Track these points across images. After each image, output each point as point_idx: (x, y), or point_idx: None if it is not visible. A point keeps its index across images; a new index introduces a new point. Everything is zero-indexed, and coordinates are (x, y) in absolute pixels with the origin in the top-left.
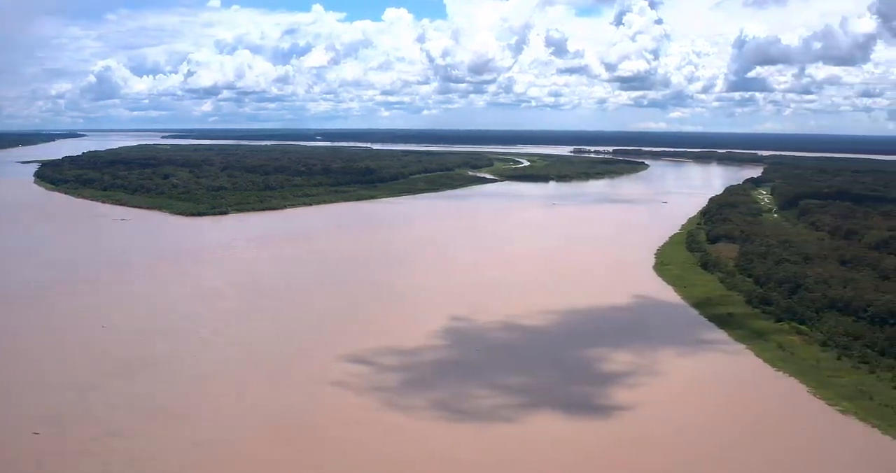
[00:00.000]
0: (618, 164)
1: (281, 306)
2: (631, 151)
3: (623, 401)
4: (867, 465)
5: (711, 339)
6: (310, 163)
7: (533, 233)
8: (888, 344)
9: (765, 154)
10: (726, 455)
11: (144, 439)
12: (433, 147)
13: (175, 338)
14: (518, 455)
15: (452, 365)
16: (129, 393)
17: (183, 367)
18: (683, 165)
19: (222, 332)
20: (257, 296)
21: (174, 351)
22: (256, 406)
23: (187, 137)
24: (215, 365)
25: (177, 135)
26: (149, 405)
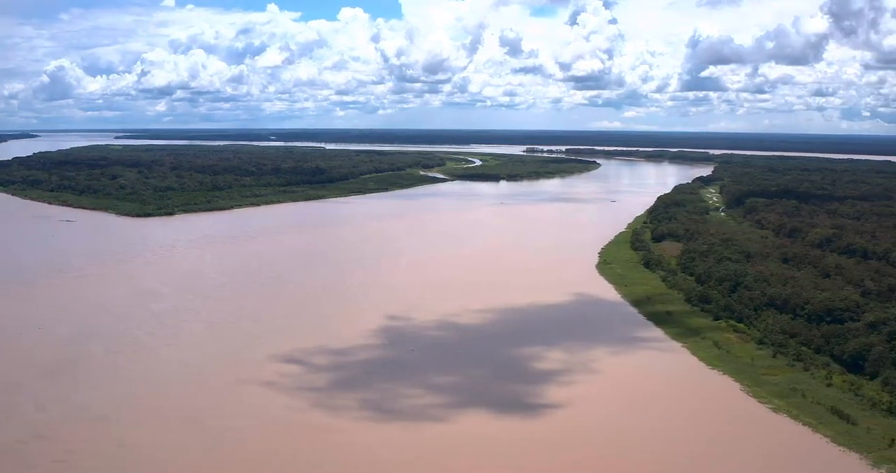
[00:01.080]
0: (569, 163)
1: (218, 307)
2: (584, 150)
3: (554, 400)
4: (795, 464)
5: (648, 337)
6: (260, 163)
7: (478, 233)
8: (824, 341)
9: (716, 153)
10: (653, 454)
11: (70, 440)
12: (388, 147)
13: (109, 340)
14: (444, 454)
15: (385, 364)
16: (58, 395)
17: (115, 369)
18: (635, 164)
19: (157, 333)
20: (195, 297)
21: (108, 352)
22: (184, 407)
23: (141, 138)
24: (147, 366)
25: (130, 135)
26: (77, 406)
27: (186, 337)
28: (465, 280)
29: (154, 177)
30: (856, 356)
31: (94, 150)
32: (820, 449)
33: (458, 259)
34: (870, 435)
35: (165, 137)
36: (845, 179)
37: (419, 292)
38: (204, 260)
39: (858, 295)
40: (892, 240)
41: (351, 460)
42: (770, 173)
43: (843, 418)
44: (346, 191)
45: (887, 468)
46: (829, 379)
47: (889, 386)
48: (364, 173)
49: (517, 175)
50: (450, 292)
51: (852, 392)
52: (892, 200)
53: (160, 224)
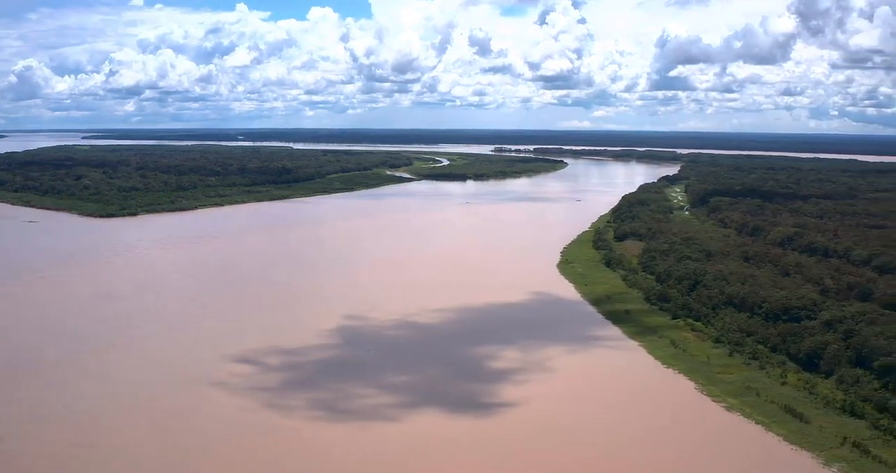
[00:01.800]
0: (536, 163)
1: (176, 307)
2: (552, 150)
3: (508, 399)
4: (747, 463)
5: (605, 336)
6: (226, 163)
7: (441, 233)
8: (780, 340)
9: (684, 152)
10: (604, 453)
11: (22, 441)
12: (357, 147)
13: (65, 341)
14: (395, 454)
15: (341, 364)
16: (11, 396)
17: (69, 369)
18: (603, 163)
19: (113, 334)
20: (153, 298)
21: (63, 353)
22: (135, 407)
23: (109, 138)
24: (102, 367)
25: (98, 135)
26: (30, 407)
27: (143, 338)
28: (426, 279)
29: (119, 177)
30: (811, 354)
31: (60, 151)
32: (772, 448)
33: (420, 259)
34: (822, 434)
35: (134, 137)
36: (810, 178)
37: (379, 292)
38: (164, 260)
39: (817, 293)
40: (853, 239)
41: (300, 460)
42: (736, 172)
43: (797, 416)
44: (311, 191)
45: (838, 466)
46: (783, 378)
47: (843, 384)
48: (330, 173)
49: (484, 174)
50: (410, 292)
51: (807, 390)
52: (855, 199)
53: (123, 224)
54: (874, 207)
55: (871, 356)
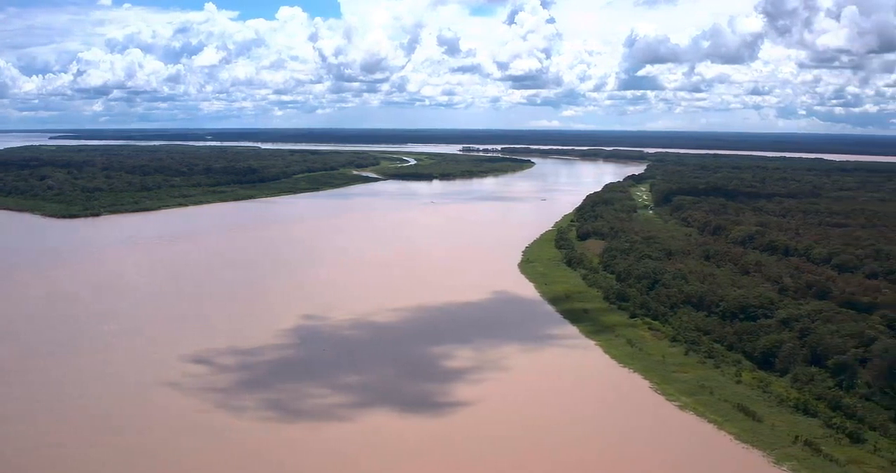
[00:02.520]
0: (503, 162)
1: (133, 308)
2: (519, 149)
3: (462, 398)
4: (698, 461)
5: (562, 335)
6: (192, 163)
7: (404, 232)
8: (736, 338)
9: (651, 151)
10: (556, 452)
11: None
12: (326, 146)
13: (20, 342)
14: (345, 454)
15: (295, 364)
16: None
17: (24, 370)
18: (570, 163)
19: (69, 335)
20: (110, 299)
21: (17, 354)
22: (86, 408)
23: (77, 138)
24: (57, 368)
25: (66, 135)
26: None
27: (98, 339)
28: (386, 279)
29: (83, 177)
30: (766, 353)
31: (26, 151)
32: (723, 447)
33: (381, 258)
34: (774, 432)
35: (102, 137)
36: (775, 177)
37: (338, 292)
38: (124, 261)
39: (775, 292)
40: (815, 237)
41: (248, 461)
42: (701, 171)
43: (749, 415)
44: (276, 191)
45: (789, 465)
46: (738, 377)
47: (798, 382)
48: (296, 173)
49: (450, 174)
50: (369, 291)
51: (761, 389)
52: (818, 197)
53: (85, 225)
54: (837, 206)
55: (825, 354)
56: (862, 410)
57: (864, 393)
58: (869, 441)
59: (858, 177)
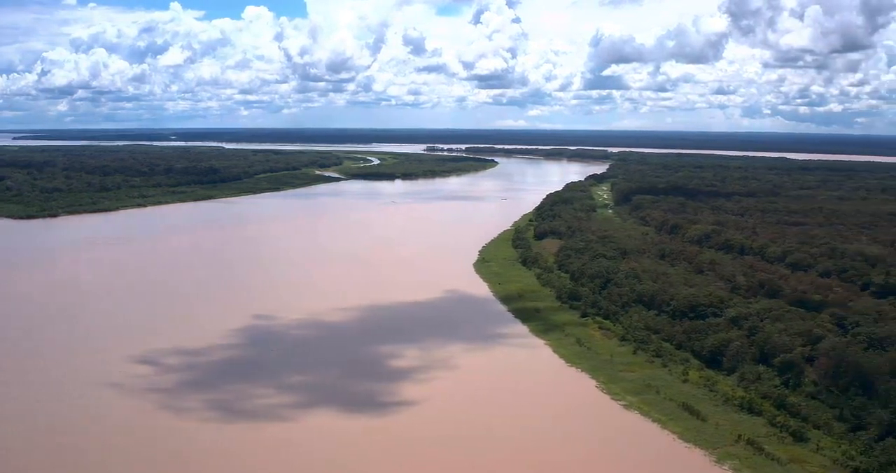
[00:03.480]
0: (466, 162)
1: (81, 309)
2: (483, 149)
3: (407, 397)
4: (640, 461)
5: (511, 334)
6: (153, 163)
7: (363, 232)
8: (685, 337)
9: (615, 150)
10: (497, 450)
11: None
12: (293, 146)
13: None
14: (285, 454)
15: (242, 364)
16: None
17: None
18: (534, 162)
19: (14, 336)
20: (59, 300)
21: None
22: (27, 409)
23: (41, 138)
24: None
25: (30, 135)
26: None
27: (44, 340)
28: (340, 279)
29: (43, 178)
30: (714, 352)
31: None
32: (666, 446)
33: (336, 258)
34: (718, 431)
35: (67, 138)
36: (736, 176)
37: (290, 291)
38: (78, 261)
39: (728, 290)
40: (771, 236)
41: (188, 461)
42: (663, 170)
43: (694, 414)
44: (237, 191)
45: (730, 464)
46: (685, 376)
47: (745, 381)
48: (258, 173)
49: (413, 174)
50: (321, 291)
51: (707, 387)
52: (777, 196)
53: (41, 226)
54: (795, 205)
55: (773, 353)
56: (806, 409)
57: (810, 392)
58: (812, 439)
59: (819, 176)
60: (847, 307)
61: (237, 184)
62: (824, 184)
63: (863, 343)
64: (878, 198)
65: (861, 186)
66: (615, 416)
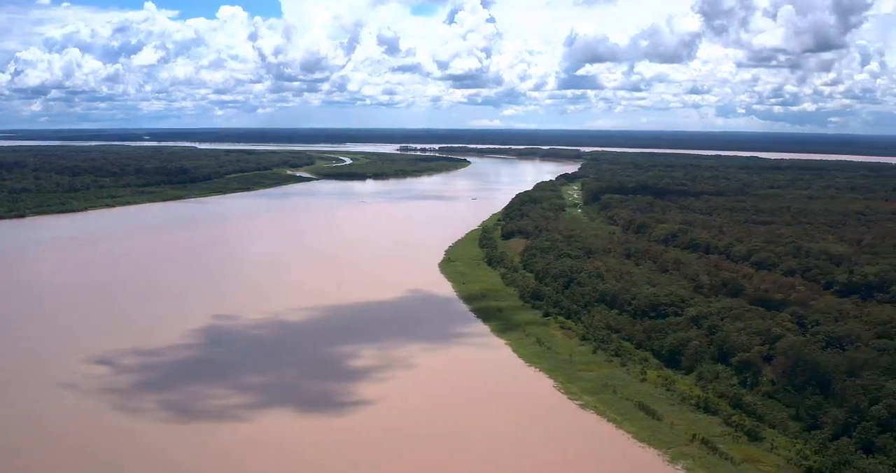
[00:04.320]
0: (439, 162)
1: (42, 309)
2: (457, 148)
3: (364, 396)
4: (593, 460)
5: (472, 334)
6: (124, 163)
7: (330, 232)
8: (645, 336)
9: (587, 150)
10: (450, 449)
11: None
12: (267, 146)
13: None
14: (235, 453)
15: (200, 364)
16: None
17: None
18: (506, 162)
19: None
20: (20, 300)
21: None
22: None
23: (14, 138)
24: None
25: (3, 136)
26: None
27: (4, 340)
28: (304, 278)
29: (12, 178)
30: (673, 351)
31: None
32: (620, 446)
33: (302, 258)
34: (673, 431)
35: (40, 138)
36: (707, 175)
37: (254, 291)
38: (41, 262)
39: (691, 289)
40: (737, 235)
41: (141, 462)
42: (634, 169)
43: (650, 413)
44: (207, 191)
45: (683, 464)
46: (643, 375)
47: (703, 380)
48: (229, 173)
49: (384, 173)
50: (285, 291)
51: (665, 387)
52: (746, 195)
53: (8, 226)
54: (763, 204)
55: (731, 352)
56: (762, 408)
57: (767, 391)
58: (767, 439)
59: (789, 175)
60: (808, 306)
61: (207, 184)
62: (794, 183)
63: (821, 342)
64: (847, 197)
65: (831, 185)
66: (571, 416)
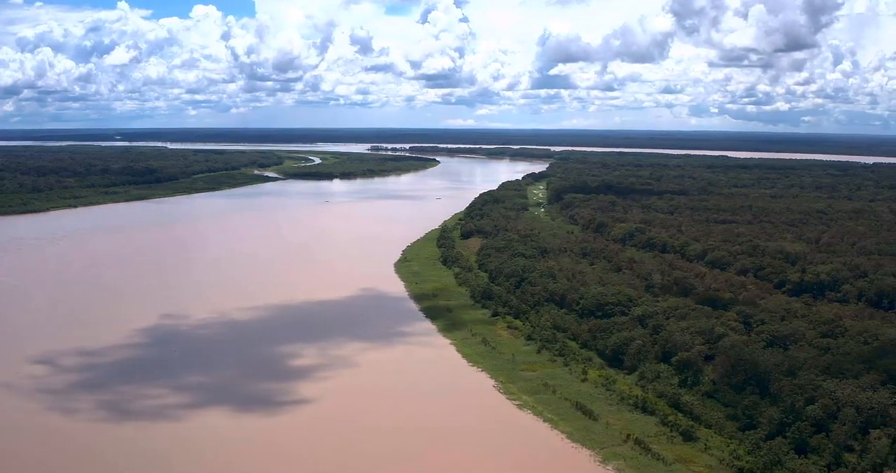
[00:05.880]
0: (407, 161)
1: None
2: (427, 148)
3: (302, 395)
4: (524, 461)
5: (417, 333)
6: (91, 163)
7: (291, 231)
8: (590, 336)
9: (557, 149)
10: (382, 450)
11: None
12: (239, 146)
13: None
14: (167, 453)
15: (140, 364)
16: None
17: None
18: (476, 161)
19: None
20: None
21: None
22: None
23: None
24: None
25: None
26: None
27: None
28: (258, 278)
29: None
30: (617, 350)
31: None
32: (553, 446)
33: (258, 258)
34: (608, 431)
35: (11, 138)
36: (673, 174)
37: (205, 291)
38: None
39: (642, 288)
40: (696, 234)
41: (69, 461)
42: (602, 169)
43: (587, 414)
44: (173, 191)
45: (614, 464)
46: (584, 375)
47: (644, 380)
48: (197, 173)
49: (352, 173)
50: (237, 291)
51: (605, 387)
52: (709, 194)
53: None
54: (726, 203)
55: (674, 351)
56: (700, 408)
57: (707, 391)
58: (701, 439)
59: (756, 174)
60: (756, 305)
61: (173, 184)
62: (759, 182)
63: (764, 341)
64: (811, 196)
65: (795, 184)
66: (507, 416)
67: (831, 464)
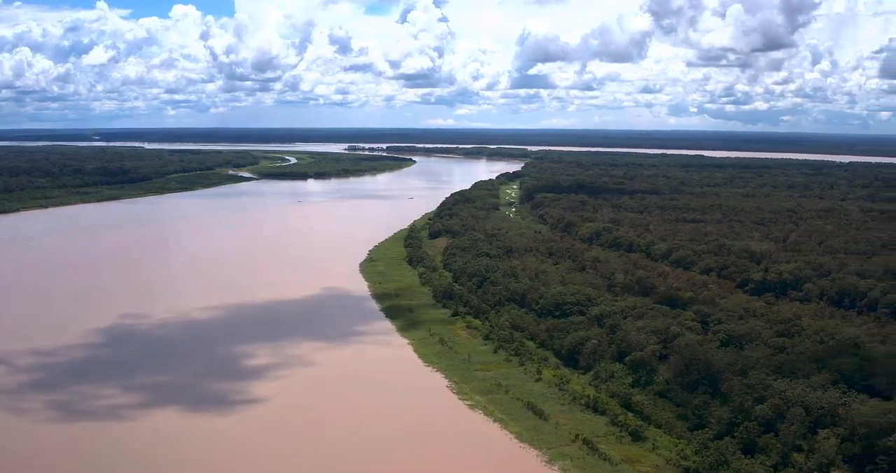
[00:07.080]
0: (383, 161)
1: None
2: (404, 148)
3: (255, 395)
4: (471, 461)
5: (376, 332)
6: (65, 163)
7: (259, 231)
8: (547, 336)
9: (534, 149)
10: (330, 449)
11: None
12: (218, 146)
13: None
14: (114, 453)
15: (94, 364)
16: None
17: None
18: (452, 161)
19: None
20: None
21: None
22: None
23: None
24: None
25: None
26: None
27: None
28: (222, 278)
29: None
30: (572, 350)
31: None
32: (500, 446)
33: (224, 258)
34: (557, 431)
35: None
36: (646, 174)
37: (167, 291)
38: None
39: (604, 288)
40: (664, 233)
41: (19, 462)
42: (576, 168)
43: (537, 414)
44: (146, 191)
45: (561, 464)
46: (539, 374)
47: (598, 379)
48: (171, 173)
49: (326, 173)
50: (199, 290)
51: (558, 387)
52: (681, 193)
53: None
54: (696, 202)
55: (629, 351)
56: (651, 407)
57: (660, 390)
58: (650, 439)
59: (729, 173)
60: (715, 304)
61: (146, 185)
62: (732, 181)
63: (719, 340)
64: (782, 195)
65: (768, 183)
66: (457, 416)
67: (778, 464)
